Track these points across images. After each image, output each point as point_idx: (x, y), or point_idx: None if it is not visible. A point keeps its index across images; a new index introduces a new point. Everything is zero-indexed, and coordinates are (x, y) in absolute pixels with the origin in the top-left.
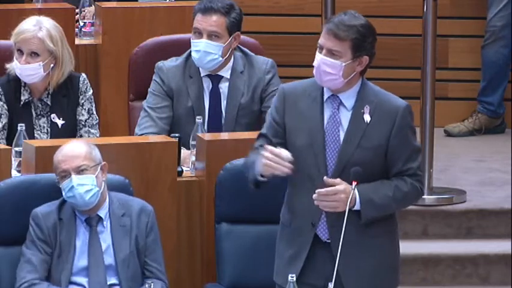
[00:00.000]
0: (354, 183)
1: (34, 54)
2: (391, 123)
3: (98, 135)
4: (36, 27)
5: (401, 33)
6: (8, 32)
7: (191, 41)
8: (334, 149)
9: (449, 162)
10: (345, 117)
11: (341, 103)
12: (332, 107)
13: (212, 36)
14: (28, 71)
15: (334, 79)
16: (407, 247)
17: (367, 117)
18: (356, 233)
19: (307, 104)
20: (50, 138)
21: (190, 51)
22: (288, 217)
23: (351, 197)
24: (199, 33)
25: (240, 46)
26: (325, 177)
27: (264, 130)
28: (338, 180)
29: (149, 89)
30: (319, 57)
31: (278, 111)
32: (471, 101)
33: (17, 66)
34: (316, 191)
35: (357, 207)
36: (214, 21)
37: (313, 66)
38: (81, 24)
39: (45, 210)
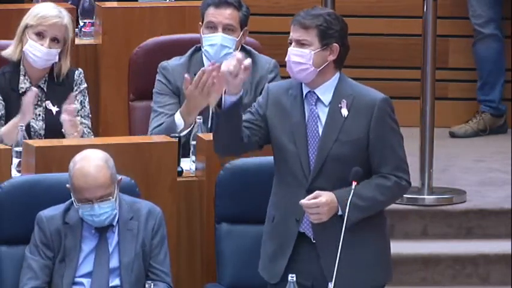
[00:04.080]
0: (354, 183)
1: (55, 40)
2: (369, 116)
3: (90, 125)
4: (60, 13)
5: (402, 33)
6: (8, 32)
7: (203, 36)
8: (314, 144)
9: (449, 162)
10: (323, 112)
11: (318, 99)
12: (310, 104)
13: (227, 29)
14: (48, 55)
15: (305, 69)
16: (407, 247)
17: (344, 112)
18: (341, 230)
19: (289, 102)
20: (45, 125)
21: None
22: (273, 212)
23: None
24: (213, 27)
25: (243, 45)
26: (301, 201)
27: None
28: (317, 192)
29: (154, 90)
30: (289, 51)
31: (261, 106)
32: (471, 101)
33: (36, 49)
34: (300, 202)
35: (340, 212)
36: (229, 14)
37: None
38: (81, 24)
39: (49, 213)
